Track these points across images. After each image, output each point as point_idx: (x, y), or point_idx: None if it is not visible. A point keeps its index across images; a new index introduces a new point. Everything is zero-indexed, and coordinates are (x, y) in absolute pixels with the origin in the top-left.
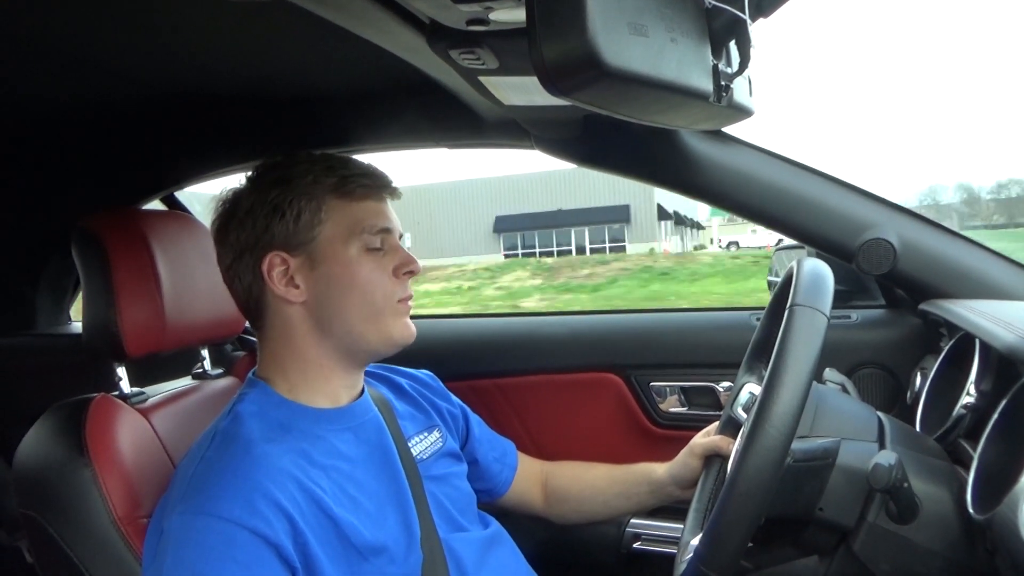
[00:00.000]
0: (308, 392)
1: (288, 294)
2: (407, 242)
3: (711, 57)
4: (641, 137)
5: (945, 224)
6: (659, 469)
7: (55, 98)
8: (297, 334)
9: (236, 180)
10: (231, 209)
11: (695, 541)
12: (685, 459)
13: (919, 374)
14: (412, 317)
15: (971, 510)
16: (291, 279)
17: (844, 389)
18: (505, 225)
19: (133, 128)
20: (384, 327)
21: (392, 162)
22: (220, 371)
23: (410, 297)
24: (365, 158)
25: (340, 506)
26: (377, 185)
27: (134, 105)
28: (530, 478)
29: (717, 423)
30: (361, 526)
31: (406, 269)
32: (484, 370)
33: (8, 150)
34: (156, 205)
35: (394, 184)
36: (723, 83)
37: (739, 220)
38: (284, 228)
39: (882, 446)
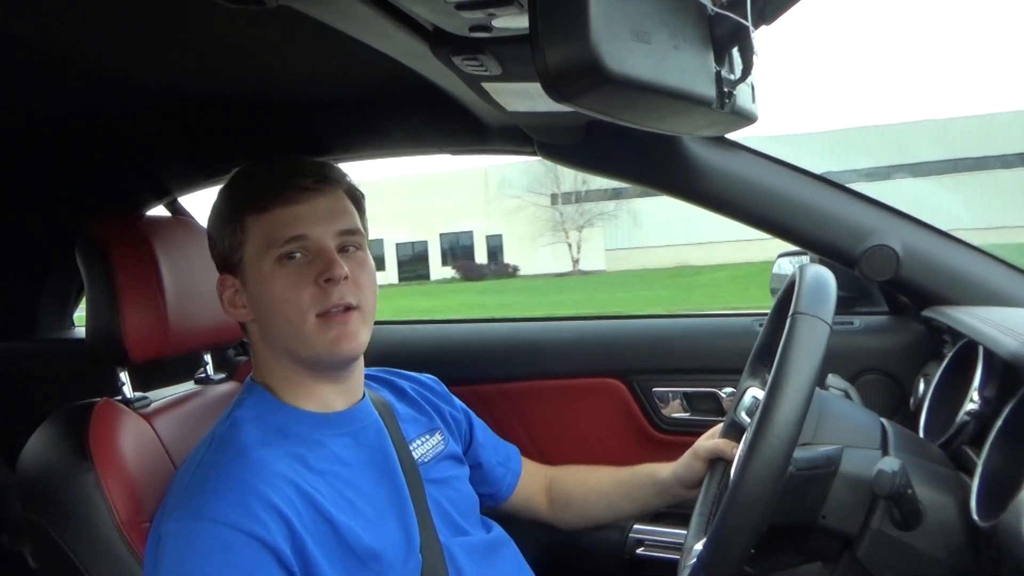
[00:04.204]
0: (296, 399)
1: (236, 314)
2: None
3: (714, 64)
4: (644, 143)
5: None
6: (663, 470)
7: (59, 104)
8: (260, 349)
9: None
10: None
11: (698, 547)
12: (689, 461)
13: (922, 380)
14: (414, 322)
15: (975, 517)
16: (241, 299)
17: (847, 395)
18: None
19: (137, 134)
20: (308, 343)
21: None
22: (223, 376)
23: (333, 307)
24: (367, 164)
25: (339, 510)
26: (289, 188)
27: (138, 111)
28: (534, 483)
29: (720, 426)
30: (360, 531)
31: (324, 277)
32: (487, 375)
33: (13, 155)
34: (160, 211)
35: (318, 178)
36: (726, 89)
37: None
38: (219, 251)
39: (886, 453)
